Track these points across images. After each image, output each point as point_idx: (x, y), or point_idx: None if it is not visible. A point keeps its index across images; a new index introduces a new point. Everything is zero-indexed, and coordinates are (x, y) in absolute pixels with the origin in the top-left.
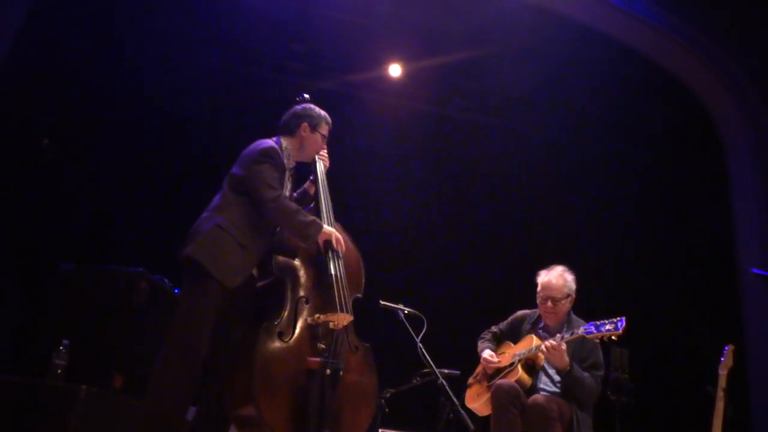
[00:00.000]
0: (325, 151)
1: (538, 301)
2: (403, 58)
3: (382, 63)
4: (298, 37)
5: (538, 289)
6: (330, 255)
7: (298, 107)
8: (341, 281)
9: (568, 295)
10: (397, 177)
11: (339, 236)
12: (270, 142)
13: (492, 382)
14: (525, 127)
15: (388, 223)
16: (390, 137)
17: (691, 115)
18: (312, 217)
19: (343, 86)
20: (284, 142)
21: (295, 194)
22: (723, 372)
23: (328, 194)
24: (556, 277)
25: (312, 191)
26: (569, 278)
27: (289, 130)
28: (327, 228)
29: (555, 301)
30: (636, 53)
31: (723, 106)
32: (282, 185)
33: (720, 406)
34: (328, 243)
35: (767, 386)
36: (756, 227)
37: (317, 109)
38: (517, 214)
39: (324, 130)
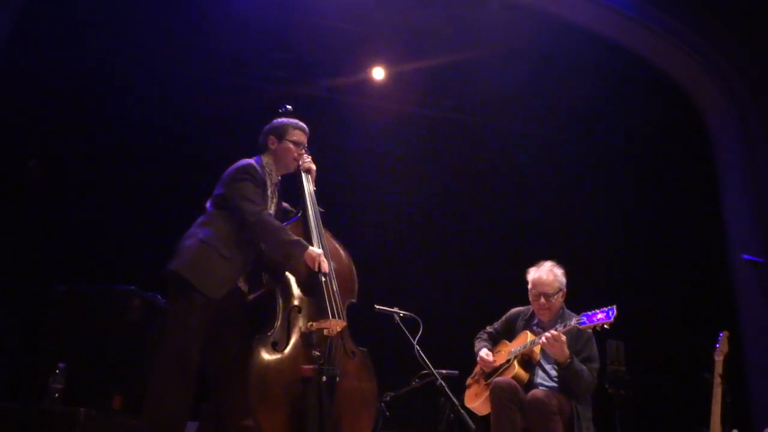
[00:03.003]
0: (308, 158)
1: (530, 299)
2: (387, 61)
3: (366, 66)
4: (281, 44)
5: (530, 286)
6: (322, 284)
7: (266, 126)
8: (332, 287)
9: (560, 290)
10: (386, 179)
11: (324, 260)
12: (248, 160)
13: (490, 381)
14: (513, 125)
15: (379, 226)
16: (378, 140)
17: (678, 105)
18: (296, 237)
19: (329, 91)
20: (263, 159)
21: (284, 204)
22: (719, 358)
23: (316, 205)
24: (546, 273)
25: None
26: (558, 273)
27: (263, 147)
28: (312, 249)
29: (548, 296)
30: (622, 47)
31: (709, 96)
32: (265, 200)
33: (718, 392)
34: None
35: (763, 370)
36: (745, 214)
37: (283, 120)
38: (507, 212)
39: (293, 136)
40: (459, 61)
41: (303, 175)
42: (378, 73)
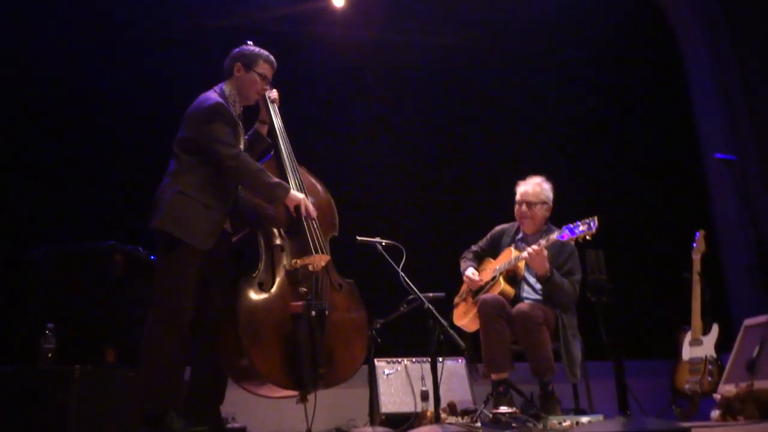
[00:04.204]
0: (273, 90)
1: (515, 210)
2: None
3: None
4: None
5: (516, 197)
6: (302, 220)
7: (235, 49)
8: (313, 223)
9: (544, 202)
10: (356, 109)
11: (309, 204)
12: (213, 96)
13: (477, 298)
14: (479, 44)
15: (353, 157)
16: (346, 70)
17: (645, 11)
18: (277, 179)
19: (287, 25)
20: (226, 88)
21: (246, 136)
22: (696, 257)
23: (287, 139)
24: (533, 185)
25: (263, 130)
26: (546, 187)
27: (228, 74)
28: (295, 193)
29: (530, 205)
30: None
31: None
32: (237, 140)
33: (697, 289)
34: (297, 209)
35: (739, 265)
36: (716, 113)
37: (252, 48)
38: (482, 131)
39: (262, 68)
40: None
41: (270, 107)
42: (337, 0)
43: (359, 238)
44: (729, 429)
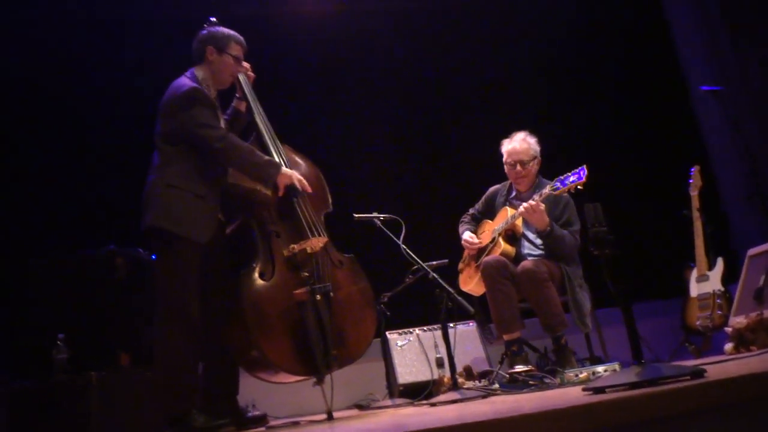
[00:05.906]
0: (248, 66)
1: (506, 170)
2: None
3: None
4: None
5: (505, 157)
6: (294, 201)
7: (203, 32)
8: (304, 206)
9: (535, 157)
10: (341, 81)
11: (301, 177)
12: (187, 82)
13: (479, 262)
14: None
15: (342, 132)
16: (324, 44)
17: None
18: (268, 158)
19: (255, 6)
20: (198, 73)
21: (225, 116)
22: (694, 193)
23: (265, 117)
24: (519, 142)
25: (242, 107)
26: (532, 141)
27: (199, 59)
28: (286, 170)
29: (523, 164)
30: None
31: None
32: (219, 122)
33: (698, 225)
34: (289, 187)
35: (737, 196)
36: (699, 45)
37: (222, 30)
38: (467, 93)
39: (234, 50)
40: None
41: (245, 87)
42: None
43: (356, 215)
44: (742, 361)
